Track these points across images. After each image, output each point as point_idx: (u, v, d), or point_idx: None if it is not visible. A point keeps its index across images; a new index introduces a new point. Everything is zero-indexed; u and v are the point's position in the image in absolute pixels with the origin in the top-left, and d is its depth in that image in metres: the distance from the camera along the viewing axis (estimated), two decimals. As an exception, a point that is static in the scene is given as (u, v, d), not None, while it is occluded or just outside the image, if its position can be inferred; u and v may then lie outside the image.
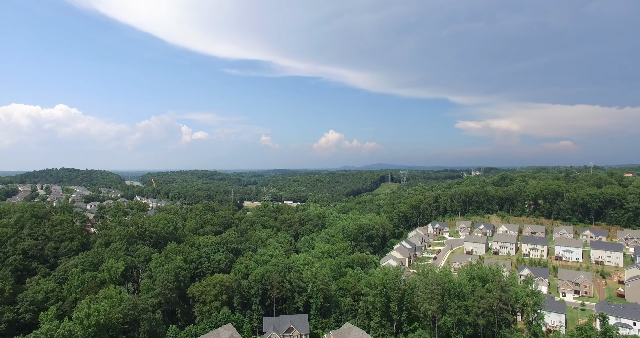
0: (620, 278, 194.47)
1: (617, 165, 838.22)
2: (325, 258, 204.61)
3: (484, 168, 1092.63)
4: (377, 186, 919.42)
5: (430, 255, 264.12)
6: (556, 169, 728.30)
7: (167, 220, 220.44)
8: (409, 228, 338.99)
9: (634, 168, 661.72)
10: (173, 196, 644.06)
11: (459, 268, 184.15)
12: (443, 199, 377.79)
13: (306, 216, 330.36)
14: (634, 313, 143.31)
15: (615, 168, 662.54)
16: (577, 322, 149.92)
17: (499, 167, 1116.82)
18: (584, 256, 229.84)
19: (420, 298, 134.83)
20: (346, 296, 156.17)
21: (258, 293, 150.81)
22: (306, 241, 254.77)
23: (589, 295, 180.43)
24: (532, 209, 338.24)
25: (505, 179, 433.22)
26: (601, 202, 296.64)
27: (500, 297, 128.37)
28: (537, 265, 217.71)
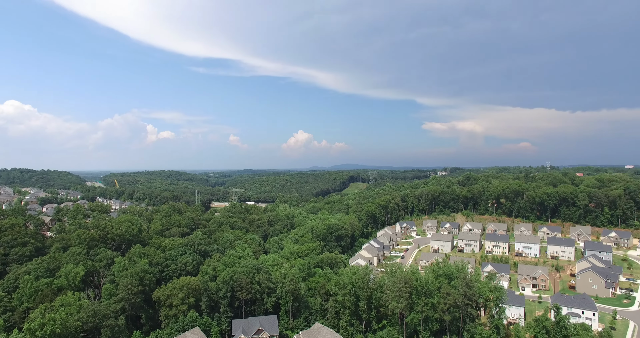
0: (572, 271, 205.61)
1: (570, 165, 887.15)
2: (294, 258, 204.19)
3: (450, 168, 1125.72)
4: (346, 186, 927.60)
5: (398, 254, 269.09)
6: (517, 169, 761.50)
7: (131, 222, 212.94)
8: (377, 228, 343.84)
9: (584, 168, 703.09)
10: (138, 197, 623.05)
11: (426, 266, 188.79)
12: (410, 199, 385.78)
13: (275, 217, 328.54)
14: (582, 303, 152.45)
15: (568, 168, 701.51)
16: (535, 313, 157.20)
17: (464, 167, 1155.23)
18: (541, 251, 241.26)
19: (388, 297, 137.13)
20: (315, 296, 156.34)
21: (226, 296, 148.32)
22: (275, 241, 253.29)
23: (545, 288, 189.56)
24: (494, 208, 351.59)
25: (469, 179, 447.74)
26: (556, 200, 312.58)
27: (465, 293, 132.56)
28: (499, 262, 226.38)
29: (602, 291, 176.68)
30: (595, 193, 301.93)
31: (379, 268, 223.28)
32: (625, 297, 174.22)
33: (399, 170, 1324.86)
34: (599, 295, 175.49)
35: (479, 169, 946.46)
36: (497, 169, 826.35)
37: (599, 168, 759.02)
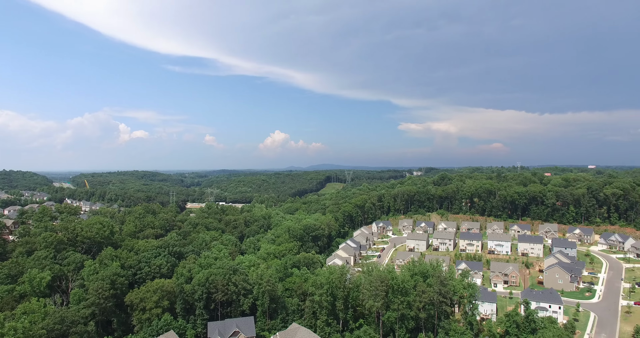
0: (541, 267, 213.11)
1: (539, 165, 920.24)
2: (271, 259, 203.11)
3: (425, 168, 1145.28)
4: (323, 187, 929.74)
5: (375, 253, 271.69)
6: (489, 169, 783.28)
7: (103, 223, 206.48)
8: (354, 227, 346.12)
9: (552, 168, 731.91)
10: (109, 198, 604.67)
11: (402, 265, 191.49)
12: (387, 199, 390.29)
13: (251, 217, 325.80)
14: (550, 297, 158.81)
15: (537, 168, 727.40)
16: (506, 309, 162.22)
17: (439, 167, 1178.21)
18: (513, 249, 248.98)
19: (365, 296, 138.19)
20: (293, 296, 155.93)
21: (202, 298, 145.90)
22: (252, 242, 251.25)
23: (515, 284, 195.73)
24: (468, 207, 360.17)
25: (444, 179, 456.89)
26: (527, 199, 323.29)
27: (440, 291, 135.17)
28: (473, 259, 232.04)
29: (567, 286, 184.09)
30: (562, 192, 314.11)
31: (356, 268, 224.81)
32: (587, 290, 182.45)
33: (376, 170, 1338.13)
34: (565, 289, 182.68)
35: (453, 169, 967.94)
36: (470, 169, 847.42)
37: (565, 168, 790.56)
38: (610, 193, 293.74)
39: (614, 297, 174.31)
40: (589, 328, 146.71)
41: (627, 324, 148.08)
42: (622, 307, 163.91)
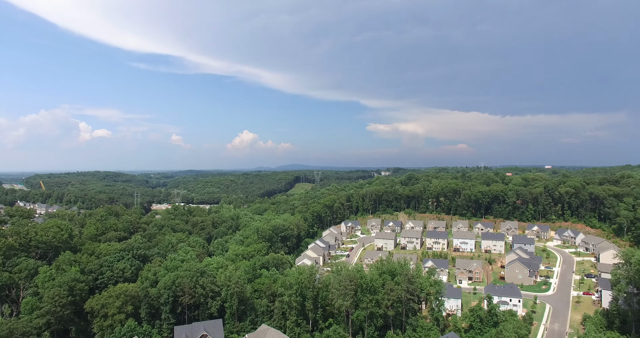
0: (502, 263, 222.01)
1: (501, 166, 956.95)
2: (239, 260, 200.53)
3: (393, 168, 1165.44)
4: (292, 187, 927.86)
5: (344, 253, 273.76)
6: (454, 169, 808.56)
7: (60, 227, 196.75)
8: (323, 228, 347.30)
9: (512, 168, 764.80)
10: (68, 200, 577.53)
11: (371, 264, 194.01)
12: (355, 199, 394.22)
13: (219, 218, 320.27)
14: (510, 291, 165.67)
15: (500, 168, 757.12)
16: (470, 304, 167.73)
17: (406, 167, 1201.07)
18: (476, 246, 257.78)
19: (334, 295, 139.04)
20: (262, 297, 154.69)
21: (168, 301, 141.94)
22: (220, 243, 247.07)
23: (479, 280, 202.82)
24: (435, 206, 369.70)
25: (411, 179, 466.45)
26: (489, 198, 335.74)
27: (408, 288, 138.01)
28: (439, 257, 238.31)
29: (526, 280, 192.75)
30: (522, 191, 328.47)
31: (325, 268, 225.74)
32: (544, 283, 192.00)
33: (344, 170, 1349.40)
34: (524, 283, 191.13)
35: (420, 169, 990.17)
36: (437, 169, 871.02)
37: (525, 168, 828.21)
38: (564, 191, 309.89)
39: (567, 289, 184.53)
40: (545, 318, 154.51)
41: (577, 313, 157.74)
42: (572, 297, 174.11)
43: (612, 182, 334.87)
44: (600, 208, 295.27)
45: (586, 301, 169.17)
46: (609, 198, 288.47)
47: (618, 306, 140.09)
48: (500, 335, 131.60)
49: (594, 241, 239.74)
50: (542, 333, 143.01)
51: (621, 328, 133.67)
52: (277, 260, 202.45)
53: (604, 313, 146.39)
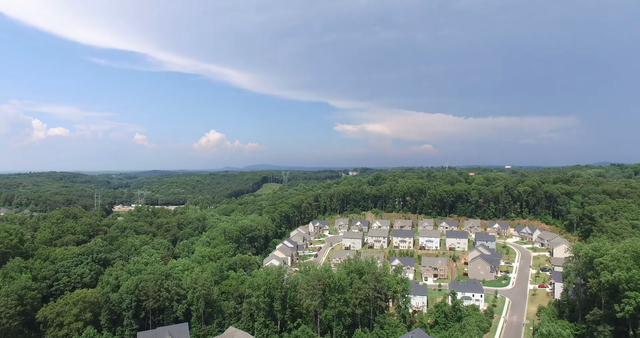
0: (466, 260, 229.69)
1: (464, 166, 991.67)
2: (206, 262, 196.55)
3: (360, 168, 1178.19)
4: (260, 187, 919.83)
5: (312, 253, 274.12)
6: (420, 169, 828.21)
7: (9, 231, 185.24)
8: (290, 228, 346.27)
9: (475, 168, 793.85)
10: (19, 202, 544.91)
11: (339, 264, 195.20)
12: (323, 199, 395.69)
13: (185, 220, 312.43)
14: (473, 287, 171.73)
15: (463, 168, 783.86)
16: (435, 300, 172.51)
17: (374, 167, 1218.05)
18: (441, 244, 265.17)
19: (302, 295, 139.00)
20: (229, 299, 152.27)
21: (131, 306, 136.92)
22: (185, 245, 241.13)
23: (444, 277, 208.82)
24: (401, 205, 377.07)
25: (378, 178, 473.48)
26: (454, 197, 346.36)
27: (375, 287, 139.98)
28: (405, 255, 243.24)
29: (488, 276, 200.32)
30: (484, 190, 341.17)
31: (293, 268, 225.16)
32: (504, 278, 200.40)
33: (312, 170, 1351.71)
34: (486, 278, 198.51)
35: (387, 169, 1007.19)
36: (403, 169, 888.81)
37: (487, 168, 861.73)
38: (522, 190, 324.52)
39: (524, 283, 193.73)
40: (504, 311, 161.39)
41: (533, 305, 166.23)
42: (529, 290, 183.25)
43: (564, 181, 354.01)
44: (554, 206, 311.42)
45: (541, 293, 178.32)
46: (562, 196, 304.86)
47: (568, 296, 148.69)
48: (463, 329, 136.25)
49: (548, 237, 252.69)
50: (501, 326, 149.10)
51: (570, 316, 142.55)
52: (245, 261, 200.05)
53: (556, 303, 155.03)
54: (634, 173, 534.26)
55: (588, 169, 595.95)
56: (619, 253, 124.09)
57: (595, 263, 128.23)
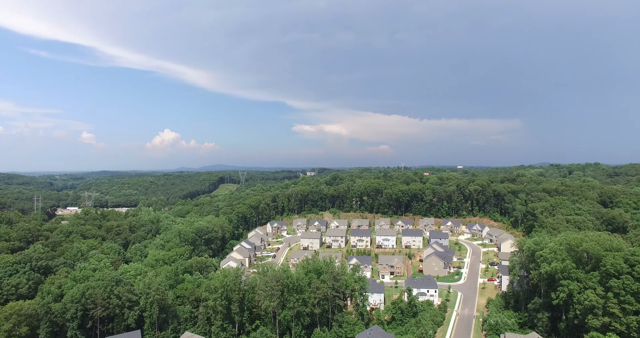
0: (421, 257, 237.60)
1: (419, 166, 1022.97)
2: (160, 265, 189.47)
3: (318, 168, 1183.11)
4: (216, 188, 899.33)
5: (270, 254, 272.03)
6: (377, 169, 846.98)
7: None
8: (248, 229, 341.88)
9: (429, 168, 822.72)
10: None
11: (297, 264, 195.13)
12: (281, 199, 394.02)
13: (137, 222, 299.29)
14: (428, 283, 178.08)
15: (418, 169, 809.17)
16: (392, 297, 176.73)
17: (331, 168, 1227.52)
18: (397, 242, 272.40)
19: (261, 296, 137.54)
20: (185, 304, 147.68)
21: (76, 316, 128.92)
22: (138, 249, 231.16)
23: (400, 274, 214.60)
24: (358, 205, 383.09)
25: (336, 179, 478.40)
26: (409, 196, 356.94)
27: (333, 286, 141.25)
28: (363, 254, 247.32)
29: (442, 271, 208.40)
30: (437, 189, 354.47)
31: (251, 269, 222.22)
32: (456, 274, 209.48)
33: (270, 171, 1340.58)
34: (440, 274, 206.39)
35: (344, 169, 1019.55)
36: (360, 169, 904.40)
37: (440, 168, 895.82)
38: (473, 189, 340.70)
39: (475, 277, 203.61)
40: (457, 305, 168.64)
41: (482, 297, 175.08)
42: (479, 284, 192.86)
43: (510, 180, 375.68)
44: (501, 204, 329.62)
45: (490, 286, 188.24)
46: (508, 195, 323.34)
47: (513, 288, 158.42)
48: (419, 324, 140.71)
49: (496, 233, 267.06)
50: (454, 319, 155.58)
51: (515, 306, 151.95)
52: (201, 264, 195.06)
53: (503, 295, 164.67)
54: (568, 173, 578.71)
55: (531, 169, 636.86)
56: (556, 246, 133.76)
57: (536, 256, 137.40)
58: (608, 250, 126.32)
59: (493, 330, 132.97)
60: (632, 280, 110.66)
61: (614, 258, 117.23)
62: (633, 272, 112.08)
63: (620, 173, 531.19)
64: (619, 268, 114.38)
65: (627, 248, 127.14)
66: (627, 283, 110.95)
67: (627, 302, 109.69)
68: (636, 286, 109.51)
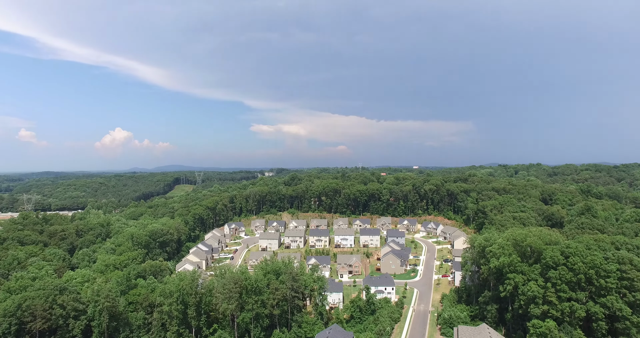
0: (378, 256, 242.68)
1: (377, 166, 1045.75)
2: (111, 271, 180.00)
3: (277, 169, 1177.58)
4: (171, 189, 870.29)
5: (228, 255, 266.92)
6: (335, 169, 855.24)
7: None
8: (205, 230, 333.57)
9: (386, 169, 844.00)
10: None
11: (255, 265, 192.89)
12: (239, 200, 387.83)
13: (85, 226, 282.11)
14: (385, 281, 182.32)
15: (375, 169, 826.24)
16: (351, 296, 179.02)
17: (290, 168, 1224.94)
18: (356, 241, 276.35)
19: (218, 299, 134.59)
20: (138, 310, 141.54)
21: (9, 332, 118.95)
22: (86, 254, 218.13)
23: (358, 273, 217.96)
24: (317, 205, 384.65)
25: (294, 179, 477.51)
26: (367, 196, 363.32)
27: (292, 286, 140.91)
28: (321, 254, 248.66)
29: (399, 269, 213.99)
30: (394, 189, 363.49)
31: (208, 272, 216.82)
32: (412, 271, 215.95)
33: (228, 171, 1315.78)
34: (397, 272, 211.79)
35: (303, 169, 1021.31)
36: (318, 169, 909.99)
37: (397, 168, 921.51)
38: (428, 189, 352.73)
39: (430, 274, 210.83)
40: (413, 301, 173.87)
41: (437, 293, 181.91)
42: (434, 280, 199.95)
43: (462, 180, 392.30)
44: (454, 202, 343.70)
45: (444, 282, 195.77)
46: (461, 194, 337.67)
47: (465, 283, 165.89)
48: (377, 321, 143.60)
49: (450, 231, 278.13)
50: (410, 315, 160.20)
51: (467, 300, 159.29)
52: (155, 268, 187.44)
53: (456, 290, 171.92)
54: (514, 172, 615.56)
55: (481, 169, 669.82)
56: (504, 242, 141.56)
57: (486, 251, 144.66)
58: (548, 244, 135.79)
59: (447, 324, 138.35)
60: (567, 270, 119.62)
61: (552, 251, 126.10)
62: (567, 263, 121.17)
63: (558, 173, 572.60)
64: (556, 260, 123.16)
65: (563, 242, 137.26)
66: (562, 273, 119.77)
67: (562, 290, 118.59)
68: (569, 276, 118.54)
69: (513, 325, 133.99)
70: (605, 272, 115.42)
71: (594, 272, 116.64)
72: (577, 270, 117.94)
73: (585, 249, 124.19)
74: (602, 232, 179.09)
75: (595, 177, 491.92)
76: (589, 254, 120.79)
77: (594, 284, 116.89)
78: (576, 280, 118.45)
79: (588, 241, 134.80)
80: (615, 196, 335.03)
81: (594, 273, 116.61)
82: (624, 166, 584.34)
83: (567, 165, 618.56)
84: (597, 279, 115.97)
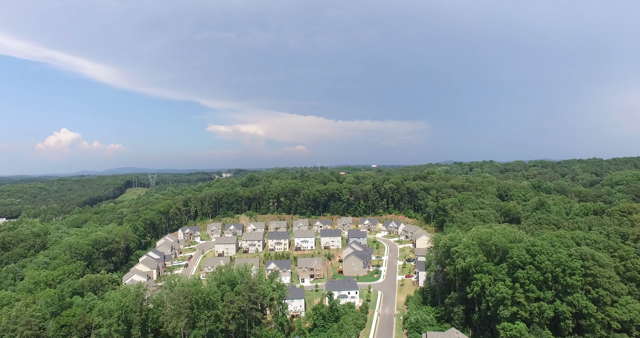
0: (340, 258, 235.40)
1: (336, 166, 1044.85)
2: (41, 289, 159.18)
3: (234, 169, 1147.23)
4: (123, 192, 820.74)
5: (182, 263, 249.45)
6: (294, 169, 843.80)
7: None
8: (157, 237, 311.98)
9: (345, 168, 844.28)
10: None
11: (208, 274, 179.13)
12: (193, 203, 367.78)
13: (15, 237, 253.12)
14: (348, 284, 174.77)
15: (335, 168, 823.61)
16: (313, 302, 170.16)
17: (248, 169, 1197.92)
18: (316, 243, 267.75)
19: (167, 316, 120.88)
20: (72, 334, 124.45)
21: None
22: (10, 271, 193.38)
23: (320, 276, 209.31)
24: (275, 206, 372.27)
25: (252, 180, 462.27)
26: (326, 196, 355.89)
27: (249, 297, 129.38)
28: (281, 258, 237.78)
29: (361, 271, 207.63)
30: (354, 188, 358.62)
31: (159, 283, 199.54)
32: (375, 272, 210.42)
33: (183, 173, 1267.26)
34: (359, 274, 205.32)
35: (261, 170, 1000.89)
36: (277, 170, 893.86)
37: (355, 167, 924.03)
38: (388, 187, 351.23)
39: (393, 274, 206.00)
40: (377, 305, 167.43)
41: (402, 295, 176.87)
42: (398, 281, 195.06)
43: (421, 178, 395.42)
44: (414, 201, 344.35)
45: (408, 283, 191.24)
46: (420, 192, 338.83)
47: (430, 284, 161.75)
48: (341, 329, 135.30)
49: (411, 229, 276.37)
50: (376, 319, 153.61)
51: (432, 301, 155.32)
52: (96, 282, 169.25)
53: (421, 291, 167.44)
54: (469, 169, 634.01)
55: (438, 167, 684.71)
56: (469, 241, 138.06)
57: (452, 252, 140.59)
58: (512, 242, 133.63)
59: (414, 328, 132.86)
60: (534, 270, 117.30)
61: (518, 249, 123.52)
62: (534, 262, 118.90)
63: (509, 169, 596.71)
64: (523, 259, 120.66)
65: (527, 239, 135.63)
66: (530, 272, 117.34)
67: (531, 290, 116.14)
68: (537, 275, 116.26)
69: (480, 326, 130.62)
70: (570, 269, 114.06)
71: (560, 270, 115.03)
72: (544, 269, 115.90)
73: (550, 246, 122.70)
74: (558, 227, 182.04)
75: (542, 173, 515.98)
76: (554, 251, 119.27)
77: (560, 282, 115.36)
78: (543, 279, 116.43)
79: (551, 238, 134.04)
80: (563, 191, 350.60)
81: (560, 271, 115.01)
82: (565, 161, 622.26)
83: (516, 162, 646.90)
84: (564, 277, 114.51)
